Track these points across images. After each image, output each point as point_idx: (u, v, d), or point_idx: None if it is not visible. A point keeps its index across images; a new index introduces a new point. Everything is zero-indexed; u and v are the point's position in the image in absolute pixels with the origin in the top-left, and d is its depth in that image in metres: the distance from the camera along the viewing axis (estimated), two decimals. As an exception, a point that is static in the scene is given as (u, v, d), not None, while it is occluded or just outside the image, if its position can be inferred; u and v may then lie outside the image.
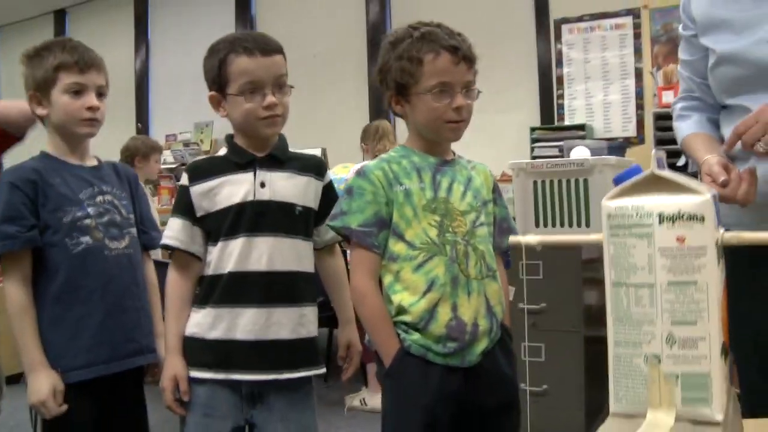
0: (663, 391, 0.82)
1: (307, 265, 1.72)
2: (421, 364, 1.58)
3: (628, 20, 4.53)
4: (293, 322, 1.66)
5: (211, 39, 1.72)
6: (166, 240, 1.68)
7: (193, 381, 1.64)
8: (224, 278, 1.64)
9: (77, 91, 1.70)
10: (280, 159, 1.71)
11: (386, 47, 1.67)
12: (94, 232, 1.71)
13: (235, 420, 1.65)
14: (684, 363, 0.81)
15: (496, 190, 1.79)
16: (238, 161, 1.68)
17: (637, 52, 4.53)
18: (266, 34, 1.74)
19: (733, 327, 0.88)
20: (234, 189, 1.66)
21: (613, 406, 0.85)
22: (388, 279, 1.63)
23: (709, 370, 0.81)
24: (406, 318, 1.60)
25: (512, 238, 1.05)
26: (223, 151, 1.74)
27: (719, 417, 0.80)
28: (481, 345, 1.63)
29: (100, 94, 1.74)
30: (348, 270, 1.86)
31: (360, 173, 1.66)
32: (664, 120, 4.23)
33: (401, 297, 1.60)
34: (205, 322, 1.64)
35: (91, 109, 1.71)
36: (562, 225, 2.90)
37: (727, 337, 0.84)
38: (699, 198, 0.82)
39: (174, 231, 1.67)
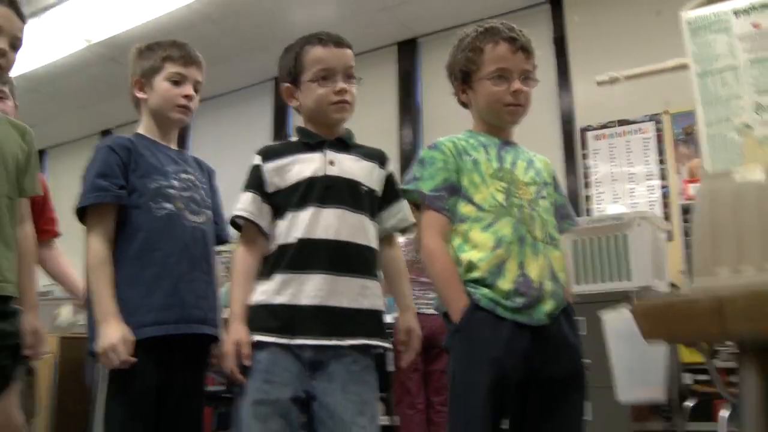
0: (758, 154, 0.89)
1: (372, 240, 1.78)
2: (490, 318, 1.62)
3: (650, 125, 4.78)
4: (354, 292, 1.70)
5: (247, 151, 1.87)
6: (236, 212, 1.75)
7: (255, 346, 1.66)
8: (293, 245, 1.70)
9: (177, 81, 1.88)
10: (347, 143, 1.84)
11: (454, 45, 1.86)
12: (176, 201, 1.82)
13: (295, 389, 1.64)
14: (774, 126, 0.89)
15: (555, 179, 1.89)
16: (308, 142, 1.80)
17: (661, 154, 4.74)
18: None
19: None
20: (304, 166, 1.76)
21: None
22: (457, 241, 1.70)
23: (798, 128, 0.88)
24: (475, 274, 1.65)
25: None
26: (294, 139, 1.87)
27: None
28: (548, 305, 1.66)
29: (196, 89, 1.92)
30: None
31: (432, 146, 1.78)
32: (691, 213, 4.33)
33: (470, 255, 1.67)
34: (271, 289, 1.69)
35: (187, 97, 1.88)
36: (603, 281, 2.95)
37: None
38: (769, -9, 0.94)
39: (244, 204, 1.75)
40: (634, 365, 1.50)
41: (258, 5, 5.45)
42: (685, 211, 4.37)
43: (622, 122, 4.91)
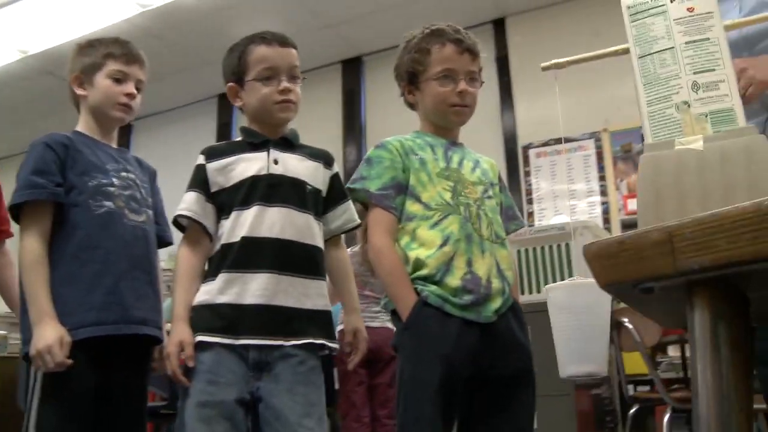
0: (696, 130, 0.92)
1: (317, 240, 1.76)
2: (439, 315, 1.62)
3: (590, 143, 4.91)
4: (299, 292, 1.68)
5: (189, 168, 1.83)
6: (179, 211, 1.73)
7: (198, 347, 1.62)
8: (237, 244, 1.67)
9: (119, 79, 1.85)
10: (291, 142, 1.83)
11: (401, 46, 1.88)
12: (116, 199, 1.78)
13: (240, 390, 1.60)
14: (710, 103, 0.92)
15: (501, 181, 1.92)
16: (252, 141, 1.79)
17: (601, 170, 4.87)
18: None
19: None
20: (248, 165, 1.74)
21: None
22: (404, 240, 1.70)
23: (732, 105, 0.92)
24: (424, 271, 1.65)
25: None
26: (238, 139, 1.86)
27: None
28: (496, 303, 1.67)
29: (138, 88, 1.89)
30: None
31: (379, 145, 1.79)
32: (631, 228, 4.47)
33: (418, 252, 1.67)
34: (214, 289, 1.66)
35: (129, 95, 1.84)
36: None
37: None
38: (701, -22, 0.98)
39: (188, 203, 1.73)
40: (575, 339, 1.52)
41: (201, 20, 5.41)
42: (625, 226, 4.51)
43: (563, 140, 5.04)
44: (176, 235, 2.05)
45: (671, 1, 0.98)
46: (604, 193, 4.83)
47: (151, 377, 1.87)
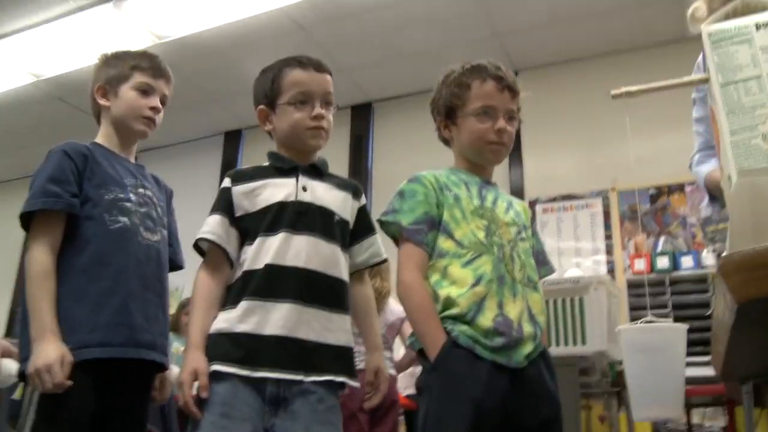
0: (784, 161, 0.87)
1: (343, 272, 1.69)
2: (469, 357, 1.55)
3: (598, 201, 4.89)
4: (321, 326, 1.60)
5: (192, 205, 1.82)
6: (202, 234, 1.64)
7: (213, 377, 1.52)
8: (260, 271, 1.59)
9: (145, 91, 1.80)
10: (320, 170, 1.77)
11: (439, 81, 1.84)
12: (132, 216, 1.71)
13: (255, 426, 1.50)
14: (799, 134, 0.88)
15: (533, 225, 1.86)
16: (281, 166, 1.73)
17: (608, 229, 4.83)
18: None
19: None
20: (276, 190, 1.68)
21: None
22: (435, 277, 1.64)
23: (824, 139, 0.87)
24: (454, 311, 1.58)
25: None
26: (265, 164, 1.80)
27: None
28: (527, 348, 1.60)
29: (163, 102, 1.84)
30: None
31: (412, 179, 1.73)
32: (636, 288, 4.42)
33: (449, 290, 1.61)
34: (234, 316, 1.57)
35: (153, 109, 1.79)
36: (558, 344, 2.91)
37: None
38: (789, 8, 0.95)
39: (211, 226, 1.65)
40: (649, 381, 1.44)
41: (215, 56, 5.43)
42: (632, 285, 4.45)
43: (570, 197, 5.02)
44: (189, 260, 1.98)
45: (757, 29, 0.94)
46: (609, 252, 4.78)
47: None
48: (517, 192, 5.18)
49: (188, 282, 1.67)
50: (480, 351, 1.55)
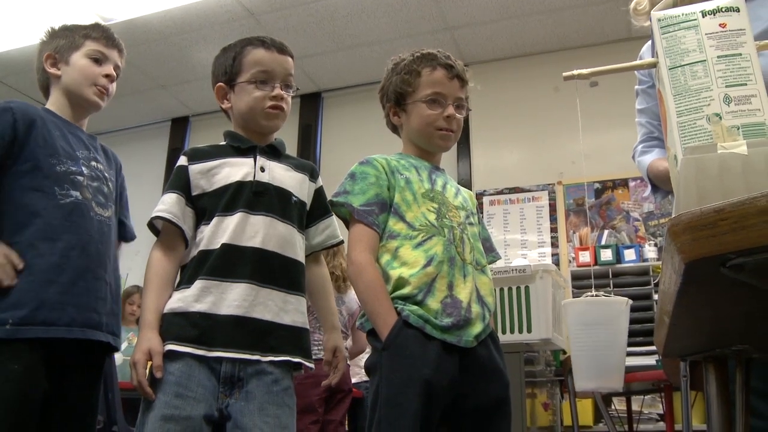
0: (727, 141, 0.90)
1: (299, 253, 1.69)
2: (419, 336, 1.56)
3: (544, 194, 4.98)
4: (276, 306, 1.60)
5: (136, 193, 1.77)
6: (157, 212, 1.62)
7: (168, 357, 1.50)
8: (217, 251, 1.58)
9: (98, 60, 1.75)
10: (278, 151, 1.77)
11: (389, 68, 1.85)
12: (84, 190, 1.66)
13: (209, 406, 1.49)
14: (742, 116, 0.91)
15: (479, 212, 1.90)
16: (239, 146, 1.72)
17: (553, 222, 4.93)
18: None
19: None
20: (233, 170, 1.67)
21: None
22: (385, 258, 1.65)
23: (764, 120, 0.91)
24: (405, 290, 1.60)
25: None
26: (222, 143, 1.78)
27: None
28: (476, 328, 1.63)
29: (117, 73, 1.79)
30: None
31: (364, 161, 1.74)
32: (580, 279, 4.52)
33: (400, 271, 1.62)
34: (189, 296, 1.55)
35: (107, 77, 1.74)
36: (504, 332, 2.96)
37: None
38: (734, -3, 0.99)
39: (167, 205, 1.63)
40: (592, 353, 1.48)
41: (161, 42, 5.33)
42: (576, 278, 4.54)
43: (517, 189, 5.09)
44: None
45: (703, 16, 0.97)
46: (555, 244, 4.88)
47: None
48: (465, 184, 5.23)
49: (135, 268, 1.64)
50: (430, 330, 1.56)
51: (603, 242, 4.71)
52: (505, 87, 5.27)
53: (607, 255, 4.52)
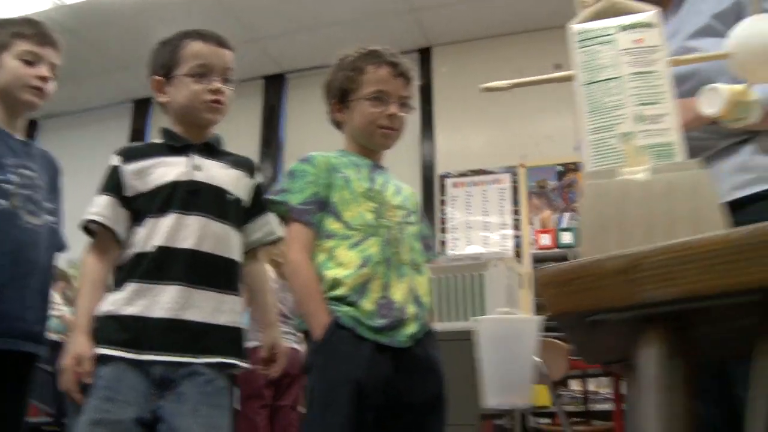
0: (636, 162, 0.90)
1: (235, 252, 1.68)
2: (351, 338, 1.57)
3: (507, 177, 4.99)
4: (211, 307, 1.59)
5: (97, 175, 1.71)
6: (89, 215, 1.60)
7: (99, 360, 1.50)
8: (151, 254, 1.57)
9: (30, 61, 1.70)
10: (214, 149, 1.74)
11: (335, 64, 1.83)
12: (12, 198, 1.63)
13: (140, 409, 1.48)
14: (652, 136, 0.91)
15: (420, 210, 1.89)
16: (173, 144, 1.69)
17: (516, 204, 4.95)
18: None
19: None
20: (168, 170, 1.65)
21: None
22: (321, 257, 1.65)
23: (673, 140, 0.91)
24: (338, 292, 1.60)
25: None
26: (157, 140, 1.75)
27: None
28: (411, 328, 1.64)
29: (54, 71, 1.75)
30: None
31: (303, 159, 1.73)
32: (541, 262, 4.56)
33: (335, 272, 1.62)
34: (121, 298, 1.54)
35: (42, 78, 1.70)
36: (458, 319, 2.97)
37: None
38: (649, 12, 0.98)
39: (99, 207, 1.61)
40: (501, 370, 1.50)
41: (121, 21, 5.22)
42: (537, 260, 4.58)
43: (480, 172, 5.10)
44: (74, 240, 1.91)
45: (620, 32, 0.97)
46: (517, 227, 4.90)
47: (35, 390, 1.71)
48: (428, 166, 5.24)
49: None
50: (362, 331, 1.57)
51: (564, 225, 4.75)
52: (468, 69, 5.25)
53: (567, 238, 4.56)
